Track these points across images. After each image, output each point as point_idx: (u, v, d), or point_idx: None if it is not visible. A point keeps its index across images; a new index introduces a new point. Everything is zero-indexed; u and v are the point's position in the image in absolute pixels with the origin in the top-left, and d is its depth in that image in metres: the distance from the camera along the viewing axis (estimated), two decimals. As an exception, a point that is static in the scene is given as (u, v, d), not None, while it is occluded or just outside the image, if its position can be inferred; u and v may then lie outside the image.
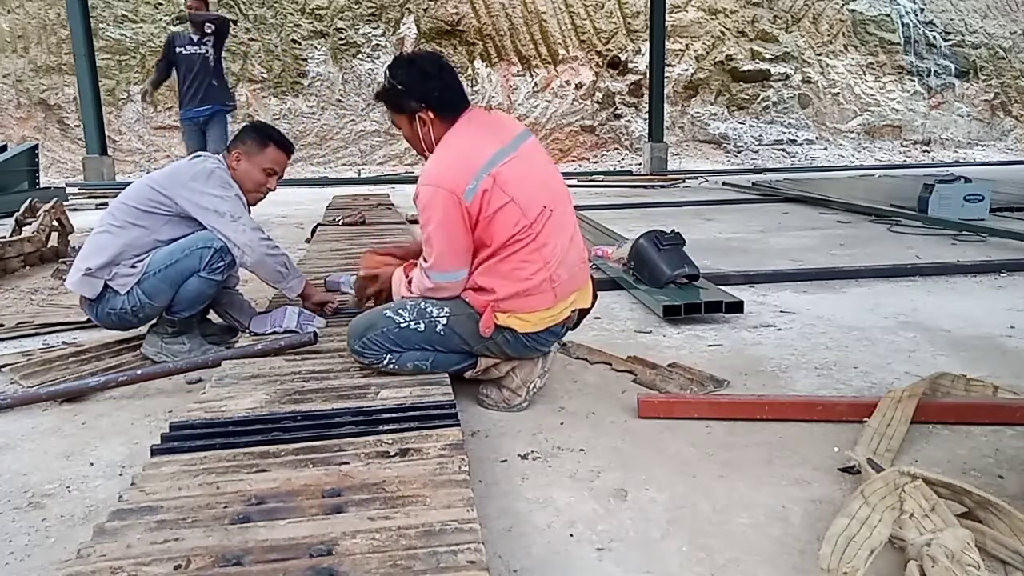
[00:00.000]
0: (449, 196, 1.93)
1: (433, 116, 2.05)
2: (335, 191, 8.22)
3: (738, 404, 2.10)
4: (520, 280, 2.01)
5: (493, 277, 2.02)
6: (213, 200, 2.43)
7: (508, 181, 1.96)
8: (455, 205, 1.93)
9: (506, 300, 2.02)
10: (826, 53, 13.85)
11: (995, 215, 5.81)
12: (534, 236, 1.99)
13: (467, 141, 2.01)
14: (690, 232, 4.03)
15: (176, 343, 2.56)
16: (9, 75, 11.37)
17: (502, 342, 2.07)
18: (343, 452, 1.62)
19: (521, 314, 2.03)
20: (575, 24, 13.07)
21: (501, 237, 1.98)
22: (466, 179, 1.93)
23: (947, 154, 13.66)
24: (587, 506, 1.62)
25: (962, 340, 2.79)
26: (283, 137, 2.65)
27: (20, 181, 7.49)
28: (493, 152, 1.98)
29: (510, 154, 2.01)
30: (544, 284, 2.02)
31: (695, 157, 12.89)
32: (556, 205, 2.06)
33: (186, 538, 1.27)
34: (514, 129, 2.13)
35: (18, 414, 2.19)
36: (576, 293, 2.15)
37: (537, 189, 2.03)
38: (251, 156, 2.55)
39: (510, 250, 1.99)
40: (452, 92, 2.08)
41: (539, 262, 2.00)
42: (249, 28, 12.07)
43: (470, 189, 1.92)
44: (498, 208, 1.94)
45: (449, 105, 2.06)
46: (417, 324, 2.07)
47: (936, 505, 1.43)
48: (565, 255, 2.07)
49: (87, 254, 2.47)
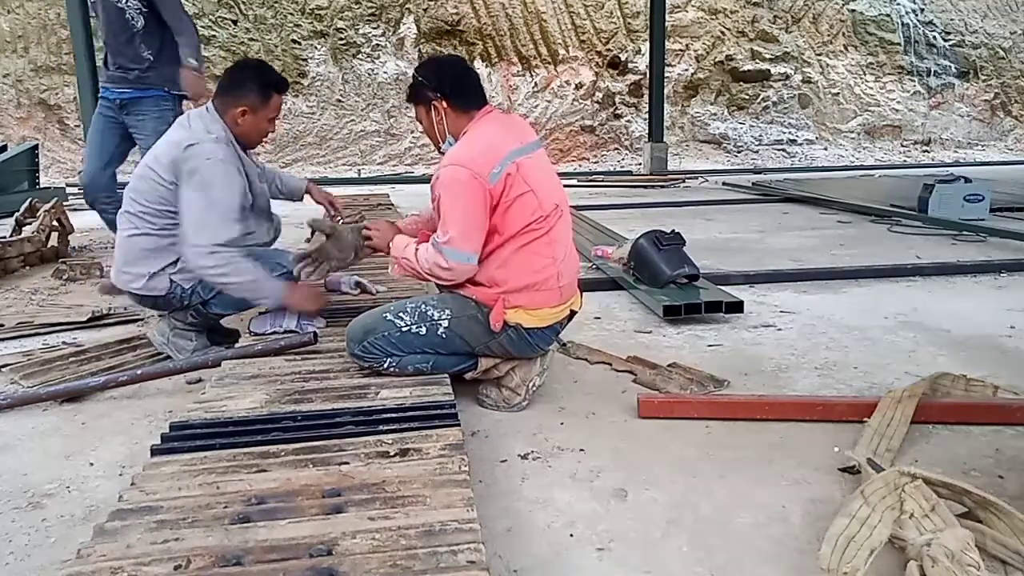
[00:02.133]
0: (474, 177, 1.98)
1: (447, 106, 2.12)
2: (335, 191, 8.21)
3: (738, 404, 2.10)
4: (531, 272, 2.04)
5: (504, 267, 2.04)
6: (196, 209, 2.34)
7: (529, 173, 2.05)
8: (480, 187, 1.98)
9: (516, 293, 2.04)
10: (826, 53, 13.85)
11: (995, 215, 5.81)
12: (548, 229, 2.06)
13: (492, 134, 2.09)
14: (690, 232, 4.03)
15: (184, 338, 2.55)
16: (9, 75, 11.38)
17: (506, 341, 2.07)
18: (343, 452, 1.62)
19: (530, 309, 2.05)
20: (575, 24, 13.07)
21: (516, 225, 2.02)
22: (491, 164, 1.99)
23: (947, 154, 13.65)
24: (587, 506, 1.62)
25: (962, 340, 2.79)
26: (279, 77, 2.53)
27: (20, 181, 7.49)
28: (514, 147, 2.07)
29: (528, 153, 2.11)
30: (552, 280, 2.07)
31: (695, 157, 12.89)
32: (565, 209, 2.17)
33: (186, 538, 1.27)
34: (530, 135, 2.22)
35: (18, 414, 2.19)
36: (574, 297, 2.22)
37: (552, 187, 2.14)
38: (256, 111, 2.46)
39: (524, 240, 2.03)
40: (466, 86, 2.16)
41: (549, 256, 2.06)
42: (249, 28, 12.07)
43: (495, 173, 1.99)
44: (519, 195, 2.01)
45: (462, 97, 2.13)
46: (419, 328, 2.07)
47: (936, 505, 1.43)
48: (568, 258, 2.15)
49: (135, 259, 2.44)
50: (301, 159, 11.64)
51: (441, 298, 2.14)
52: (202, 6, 11.84)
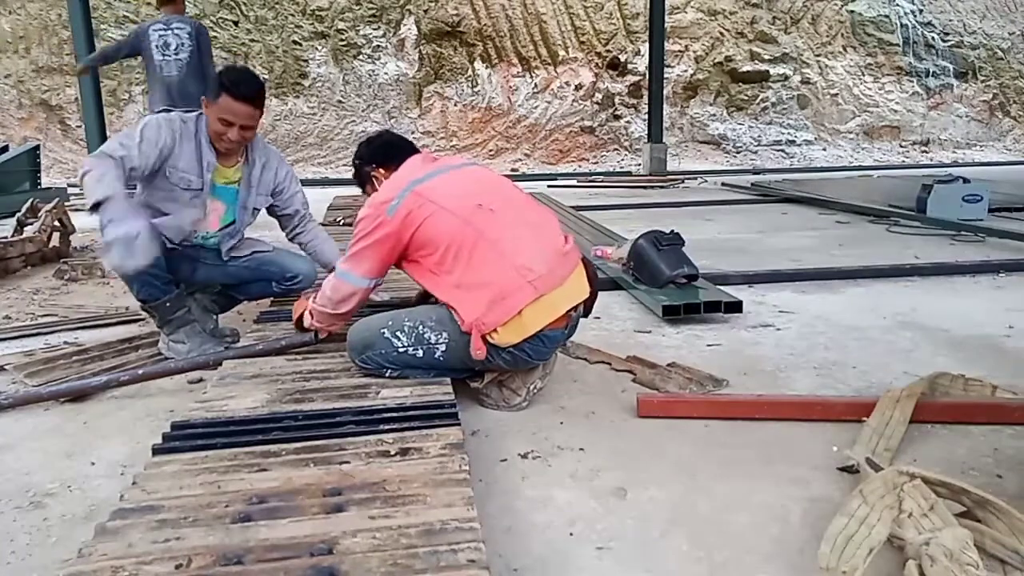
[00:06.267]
0: (375, 212, 2.08)
1: (384, 172, 2.28)
2: (336, 192, 8.21)
3: (737, 403, 2.10)
4: (486, 284, 1.96)
5: (462, 294, 1.99)
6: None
7: (434, 190, 2.07)
8: (379, 223, 2.07)
9: (486, 314, 1.95)
10: (825, 54, 13.86)
11: (993, 215, 5.82)
12: (479, 233, 2.01)
13: (399, 175, 2.19)
14: (689, 232, 4.04)
15: (178, 342, 2.56)
16: (11, 76, 11.38)
17: (503, 363, 2.05)
18: (344, 451, 1.63)
19: (509, 321, 1.95)
20: (575, 25, 13.08)
21: (443, 239, 2.01)
22: (389, 197, 2.08)
23: (946, 155, 13.67)
24: (587, 505, 1.63)
25: (960, 340, 2.79)
26: (242, 83, 2.45)
27: (22, 181, 7.50)
28: (420, 175, 2.13)
29: (440, 175, 2.14)
30: (515, 279, 1.96)
31: (694, 158, 12.90)
32: (496, 203, 2.10)
33: (187, 537, 1.28)
34: (454, 161, 2.29)
35: (20, 413, 2.19)
36: (566, 284, 2.07)
37: (466, 193, 2.10)
38: (208, 104, 2.48)
39: (464, 257, 1.99)
40: (392, 146, 2.35)
41: (497, 259, 1.99)
42: (250, 29, 12.08)
43: (392, 205, 2.06)
44: (426, 217, 2.03)
45: (390, 158, 2.28)
46: (415, 351, 2.06)
47: (935, 504, 1.43)
48: (532, 248, 2.03)
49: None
50: (302, 160, 11.65)
51: (440, 318, 2.06)
52: (203, 7, 11.85)
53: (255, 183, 2.69)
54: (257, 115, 2.52)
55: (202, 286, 2.79)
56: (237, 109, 2.45)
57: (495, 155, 12.56)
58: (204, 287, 2.79)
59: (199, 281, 2.77)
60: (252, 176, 2.68)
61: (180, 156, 2.50)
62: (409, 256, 2.11)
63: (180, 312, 2.56)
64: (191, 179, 2.53)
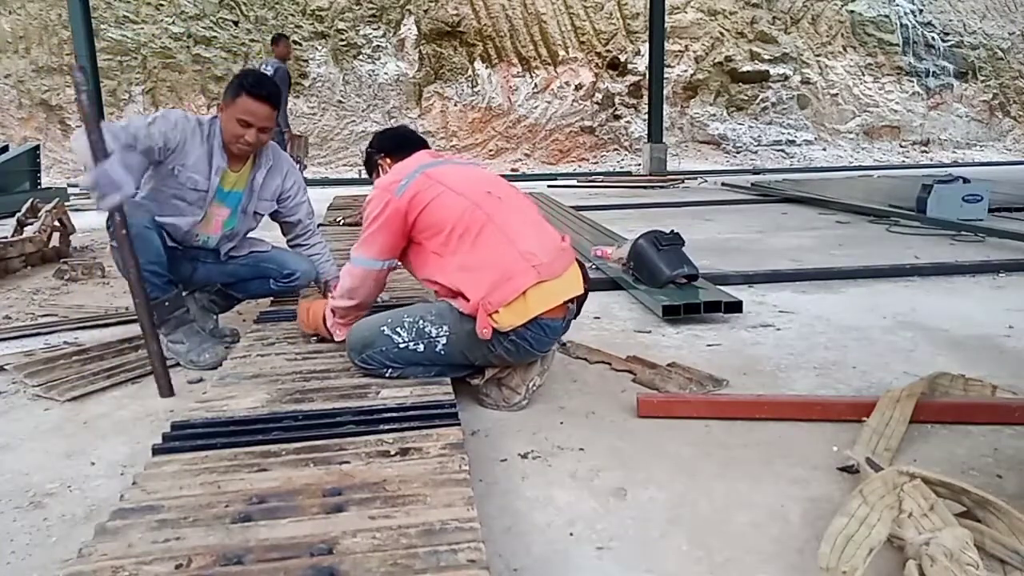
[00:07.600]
0: (382, 194, 2.13)
1: (390, 162, 2.34)
2: (336, 191, 8.22)
3: (737, 403, 2.10)
4: (491, 265, 1.99)
5: (467, 275, 2.01)
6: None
7: (442, 175, 2.14)
8: (387, 203, 2.11)
9: (491, 293, 1.97)
10: (825, 54, 13.87)
11: (993, 215, 5.82)
12: (488, 216, 2.06)
13: (408, 161, 2.26)
14: (689, 232, 4.04)
15: (176, 342, 2.56)
16: (11, 76, 11.38)
17: (505, 352, 2.05)
18: (344, 451, 1.62)
19: (513, 302, 1.97)
20: (575, 25, 13.08)
21: (450, 220, 2.05)
22: (399, 180, 2.13)
23: (945, 154, 13.67)
24: (587, 505, 1.63)
25: (960, 340, 2.79)
26: (261, 84, 2.51)
27: (22, 181, 7.50)
28: (424, 163, 2.20)
29: (448, 165, 2.24)
30: (519, 261, 1.99)
31: (694, 158, 12.90)
32: (503, 195, 2.17)
33: (187, 537, 1.28)
34: (459, 159, 2.36)
35: (20, 413, 2.20)
36: (565, 275, 2.10)
37: (477, 180, 2.19)
38: (226, 106, 2.52)
39: (469, 238, 2.03)
40: (404, 139, 2.41)
41: (502, 242, 2.03)
42: (250, 29, 12.08)
43: (401, 186, 2.11)
44: (434, 197, 2.09)
45: (400, 149, 2.35)
46: (416, 345, 2.07)
47: (935, 504, 1.43)
48: (535, 238, 2.09)
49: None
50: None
51: (439, 312, 2.09)
52: (203, 7, 11.85)
53: (258, 187, 2.70)
54: (274, 116, 2.57)
55: (201, 285, 2.80)
56: (256, 109, 2.49)
57: (495, 155, 12.56)
58: (203, 286, 2.81)
59: (198, 280, 2.78)
60: (256, 180, 2.69)
61: (189, 154, 2.51)
62: (415, 238, 2.14)
63: (178, 312, 2.56)
64: (198, 179, 2.54)
